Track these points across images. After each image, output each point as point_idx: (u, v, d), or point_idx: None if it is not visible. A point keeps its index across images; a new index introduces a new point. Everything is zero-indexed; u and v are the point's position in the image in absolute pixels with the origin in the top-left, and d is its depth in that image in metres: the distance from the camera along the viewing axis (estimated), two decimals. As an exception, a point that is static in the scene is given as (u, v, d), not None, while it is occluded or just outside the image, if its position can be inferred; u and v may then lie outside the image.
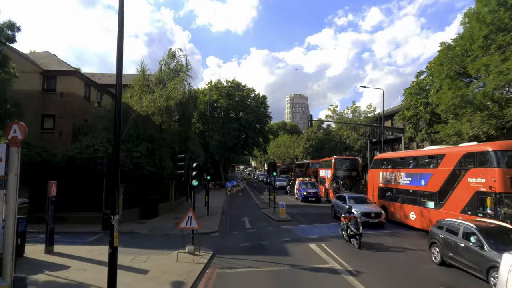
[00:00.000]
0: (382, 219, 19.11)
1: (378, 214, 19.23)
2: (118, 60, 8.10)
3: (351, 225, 14.74)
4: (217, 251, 14.00)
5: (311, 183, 35.08)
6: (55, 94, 23.84)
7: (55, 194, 13.68)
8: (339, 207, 21.25)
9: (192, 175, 13.80)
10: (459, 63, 20.71)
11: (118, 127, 8.08)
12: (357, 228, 14.38)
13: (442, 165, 16.70)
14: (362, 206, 19.58)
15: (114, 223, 7.77)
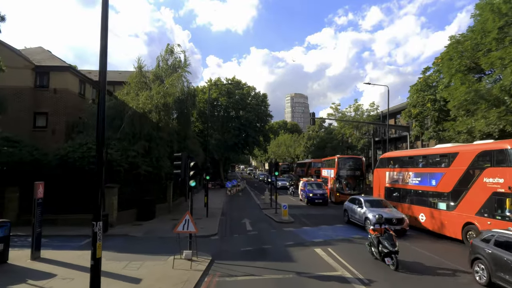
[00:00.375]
0: (404, 225, 16.68)
1: (400, 220, 16.71)
2: (102, 54, 7.24)
3: (384, 240, 11.85)
4: (216, 256, 13.08)
5: (317, 184, 32.20)
6: (48, 91, 22.93)
7: (42, 196, 12.75)
8: (353, 212, 19.58)
9: (190, 175, 12.86)
10: (470, 58, 19.77)
11: (101, 122, 7.19)
12: (392, 244, 11.55)
13: (455, 164, 15.76)
14: (381, 211, 17.15)
15: (97, 231, 6.75)
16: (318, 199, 29.63)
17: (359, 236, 16.84)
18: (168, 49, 26.58)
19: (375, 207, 18.10)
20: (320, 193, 29.93)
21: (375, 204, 18.52)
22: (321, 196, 29.84)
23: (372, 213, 17.04)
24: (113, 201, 18.67)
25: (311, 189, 30.68)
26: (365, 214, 17.80)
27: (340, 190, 31.42)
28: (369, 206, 18.19)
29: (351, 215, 19.90)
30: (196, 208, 26.71)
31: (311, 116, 33.03)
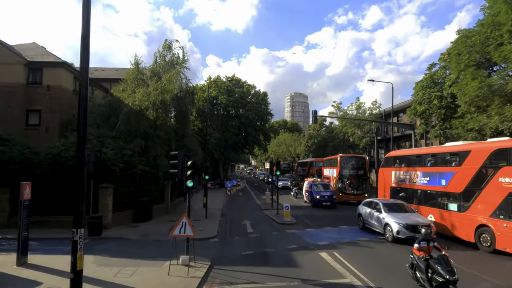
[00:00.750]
0: (432, 234, 12.80)
1: (427, 227, 14.92)
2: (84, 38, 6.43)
3: (436, 264, 8.43)
4: (215, 261, 12.27)
5: (324, 184, 29.79)
6: (41, 88, 22.09)
7: (29, 197, 11.93)
8: (369, 217, 17.35)
9: (187, 175, 12.05)
10: (479, 52, 18.97)
11: (83, 118, 6.33)
12: (450, 271, 8.08)
13: (467, 163, 14.96)
14: (402, 216, 15.23)
15: (78, 239, 5.93)
16: (326, 202, 27.33)
17: (366, 239, 16.06)
18: (166, 44, 25.76)
19: (395, 211, 15.96)
20: (328, 195, 27.57)
21: (395, 208, 16.32)
22: (329, 198, 27.48)
23: (394, 219, 15.03)
24: (107, 202, 17.85)
25: (317, 191, 28.34)
26: (384, 220, 15.64)
27: (343, 190, 30.60)
28: (389, 210, 16.09)
29: (366, 220, 17.66)
30: (195, 209, 26.06)
31: (313, 114, 32.06)
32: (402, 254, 13.19)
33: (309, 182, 31.19)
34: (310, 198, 28.93)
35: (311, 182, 30.53)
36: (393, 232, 14.73)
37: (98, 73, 32.29)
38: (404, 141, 43.67)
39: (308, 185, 30.77)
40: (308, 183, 31.49)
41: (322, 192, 27.95)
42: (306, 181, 32.70)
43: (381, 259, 12.68)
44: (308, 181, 32.47)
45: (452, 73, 21.34)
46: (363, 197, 29.93)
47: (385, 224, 15.51)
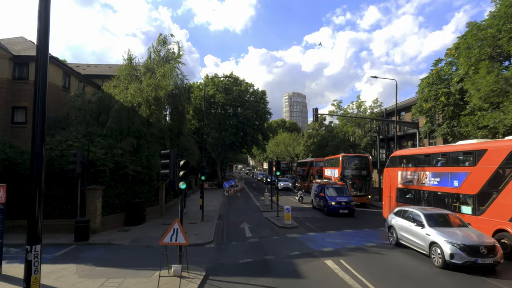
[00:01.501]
0: (498, 257, 10.71)
1: (491, 248, 10.76)
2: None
3: None
4: (211, 271, 11.14)
5: (339, 188, 24.59)
6: (28, 83, 20.84)
7: (4, 201, 10.72)
8: (406, 231, 13.57)
9: (180, 176, 10.91)
10: (491, 45, 17.93)
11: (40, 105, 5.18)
12: None
13: (482, 163, 13.88)
14: (455, 233, 11.60)
15: (33, 259, 4.79)
16: (343, 209, 22.53)
17: (373, 244, 14.97)
18: (161, 39, 24.56)
19: (442, 225, 12.41)
20: (345, 201, 23.00)
21: (441, 221, 12.72)
22: (347, 205, 22.78)
23: (444, 236, 11.31)
24: (96, 205, 16.68)
25: (332, 196, 23.60)
26: (430, 237, 11.89)
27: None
28: (434, 223, 12.45)
29: (402, 235, 13.93)
30: (190, 211, 24.96)
31: (314, 112, 30.91)
32: (414, 261, 12.15)
33: (319, 185, 26.51)
34: (322, 204, 24.41)
35: (322, 185, 25.75)
36: (445, 254, 10.96)
37: (90, 69, 31.12)
38: (406, 141, 42.66)
39: (318, 188, 26.31)
40: (317, 185, 26.91)
41: (338, 198, 23.29)
42: (315, 184, 28.14)
43: (392, 267, 11.58)
44: (317, 183, 27.77)
45: (461, 68, 20.27)
46: (366, 198, 28.87)
47: (431, 243, 11.68)
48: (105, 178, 17.74)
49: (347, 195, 24.08)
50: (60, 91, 22.35)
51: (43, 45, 5.14)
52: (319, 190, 25.80)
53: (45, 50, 5.16)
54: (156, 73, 21.79)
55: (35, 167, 5.06)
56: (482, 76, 16.51)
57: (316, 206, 26.62)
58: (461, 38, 21.78)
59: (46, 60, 5.17)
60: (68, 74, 23.72)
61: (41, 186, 4.97)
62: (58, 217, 16.63)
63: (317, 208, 26.32)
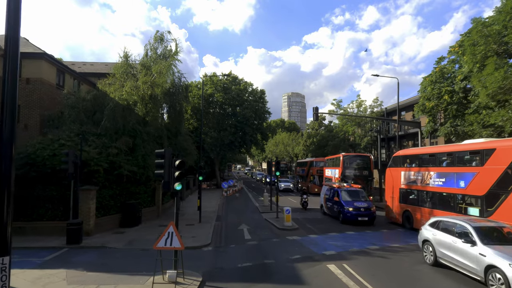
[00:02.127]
0: None
1: None
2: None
3: None
4: (208, 276, 10.60)
5: (355, 191, 21.64)
6: (20, 81, 20.10)
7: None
8: (450, 249, 10.68)
9: (175, 177, 10.36)
10: (497, 42, 17.43)
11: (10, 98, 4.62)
12: None
13: (490, 163, 13.37)
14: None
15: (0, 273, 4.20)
16: (362, 216, 19.45)
17: (376, 247, 14.44)
18: (158, 36, 23.95)
19: (499, 242, 9.75)
20: (365, 207, 19.79)
21: (496, 237, 10.11)
22: (366, 211, 19.63)
23: (508, 259, 8.55)
24: (90, 206, 16.10)
25: (348, 200, 20.53)
26: (486, 259, 9.14)
27: None
28: (488, 240, 9.70)
29: (442, 252, 11.04)
30: (188, 212, 24.39)
31: (315, 111, 30.34)
32: (420, 264, 11.63)
33: (331, 188, 23.41)
34: (336, 210, 21.21)
35: (335, 188, 22.54)
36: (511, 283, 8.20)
37: (86, 67, 30.51)
38: (407, 140, 42.17)
39: (330, 191, 23.14)
40: (328, 188, 23.87)
41: (356, 203, 20.10)
42: (325, 186, 25.18)
43: (397, 271, 11.05)
44: (328, 186, 24.73)
45: (465, 66, 19.76)
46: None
47: (488, 266, 9.00)
48: (99, 178, 17.17)
49: (365, 199, 20.93)
50: (54, 88, 21.78)
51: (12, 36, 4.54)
52: (332, 194, 22.54)
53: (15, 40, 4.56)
54: (152, 71, 21.22)
55: (3, 168, 4.47)
56: (489, 73, 15.99)
57: (327, 212, 23.43)
58: (464, 35, 21.28)
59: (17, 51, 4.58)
60: (62, 71, 23.14)
61: (10, 188, 4.37)
62: (50, 219, 16.05)
63: (328, 214, 23.18)
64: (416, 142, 35.39)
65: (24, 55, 20.33)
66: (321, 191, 25.78)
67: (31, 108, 20.29)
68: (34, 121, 20.27)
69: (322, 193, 25.36)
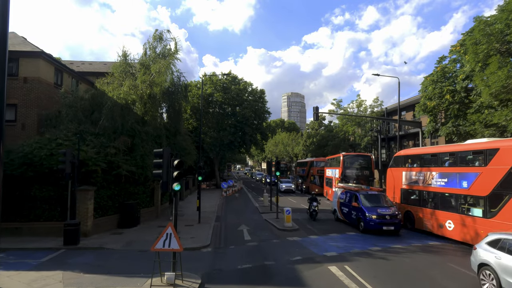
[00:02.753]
0: None
1: None
2: None
3: None
4: (207, 278, 10.40)
5: (376, 196, 18.63)
6: (17, 80, 20.06)
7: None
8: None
9: (174, 177, 10.15)
10: (499, 41, 17.25)
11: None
12: None
13: (494, 163, 13.17)
14: None
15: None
16: (388, 225, 16.65)
17: (378, 248, 14.24)
18: (157, 35, 23.73)
19: None
20: (390, 214, 16.90)
21: None
22: (392, 219, 16.77)
23: None
24: (87, 207, 15.88)
25: (370, 207, 17.48)
26: None
27: None
28: None
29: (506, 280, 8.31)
30: (187, 213, 24.16)
31: (315, 111, 30.13)
32: (422, 265, 11.44)
33: (346, 191, 20.34)
34: (355, 217, 18.36)
35: (352, 191, 19.57)
36: None
37: (85, 66, 30.29)
38: (407, 140, 41.98)
39: (346, 195, 20.08)
40: (344, 192, 20.65)
41: (380, 209, 17.15)
42: (338, 189, 22.05)
43: (400, 273, 10.85)
44: (340, 188, 21.67)
45: (467, 65, 19.58)
46: None
47: None
48: (97, 178, 16.95)
49: (389, 204, 17.97)
50: (52, 88, 21.54)
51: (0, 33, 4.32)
52: (349, 198, 19.51)
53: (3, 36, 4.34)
54: (151, 70, 21.00)
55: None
56: (492, 72, 15.81)
57: (342, 218, 20.37)
58: (466, 34, 21.12)
59: (5, 48, 4.35)
60: (60, 70, 22.92)
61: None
62: (47, 220, 15.85)
63: (343, 221, 20.27)
64: (417, 142, 35.22)
65: (21, 54, 20.25)
66: (334, 194, 22.53)
67: (28, 107, 20.07)
68: (31, 120, 20.05)
69: (334, 197, 22.08)
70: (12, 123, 19.67)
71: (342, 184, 22.88)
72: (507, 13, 17.26)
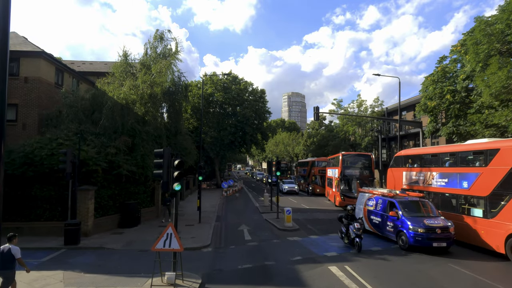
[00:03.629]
0: None
1: None
2: None
3: None
4: (207, 278, 10.41)
5: (416, 203, 14.97)
6: (18, 80, 20.08)
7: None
8: None
9: (174, 177, 10.16)
10: (500, 41, 17.24)
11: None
12: None
13: (494, 163, 13.16)
14: None
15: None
16: (439, 241, 13.22)
17: (378, 248, 14.24)
18: (157, 35, 23.76)
19: None
20: (441, 226, 13.36)
21: None
22: (444, 232, 13.28)
23: None
24: (88, 206, 15.91)
25: (414, 217, 13.99)
26: None
27: (345, 192, 27.29)
28: None
29: None
30: (188, 213, 24.18)
31: (315, 111, 30.10)
32: (423, 265, 11.44)
33: (375, 196, 16.77)
34: (393, 229, 14.76)
35: (388, 198, 15.62)
36: None
37: (85, 66, 30.31)
38: (408, 140, 41.94)
39: (376, 202, 16.45)
40: (374, 197, 16.81)
41: (427, 220, 13.61)
42: (365, 194, 18.00)
43: (400, 273, 10.84)
44: (370, 193, 17.51)
45: (468, 65, 19.56)
46: None
47: None
48: (98, 178, 16.98)
49: (436, 214, 14.39)
50: (53, 87, 21.57)
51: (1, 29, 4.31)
52: (382, 206, 15.84)
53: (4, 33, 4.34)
54: (152, 70, 21.02)
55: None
56: (493, 72, 15.79)
57: (372, 229, 16.69)
58: (467, 34, 21.09)
59: (6, 48, 4.35)
60: (61, 70, 22.93)
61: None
62: (48, 219, 15.88)
63: (373, 233, 16.64)
64: (417, 142, 35.18)
65: (22, 54, 20.28)
66: (358, 200, 18.77)
67: (29, 107, 20.09)
68: (32, 120, 20.07)
69: (359, 203, 18.16)
70: (13, 123, 19.70)
71: (370, 189, 18.49)
72: (508, 13, 17.25)
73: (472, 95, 20.44)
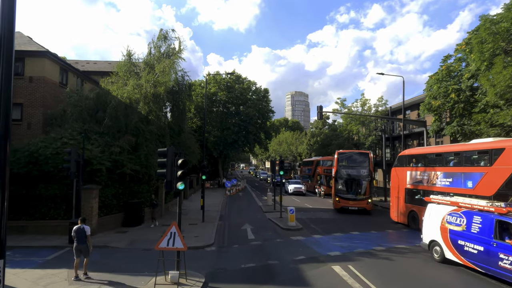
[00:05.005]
0: None
1: None
2: None
3: None
4: (211, 277, 10.43)
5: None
6: (23, 79, 20.19)
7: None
8: None
9: (177, 176, 10.19)
10: (506, 39, 17.09)
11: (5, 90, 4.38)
12: None
13: (499, 162, 13.07)
14: None
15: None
16: None
17: (382, 248, 14.20)
18: (161, 35, 23.76)
19: None
20: None
21: None
22: None
23: None
24: (92, 205, 16.00)
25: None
26: None
27: (340, 193, 25.25)
28: None
29: None
30: (191, 212, 24.26)
31: (318, 110, 30.00)
32: (426, 266, 11.39)
33: (469, 211, 11.04)
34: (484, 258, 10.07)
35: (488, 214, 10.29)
36: None
37: (89, 65, 30.42)
38: (412, 140, 41.75)
39: (469, 220, 10.89)
40: (464, 213, 11.19)
41: None
42: (439, 206, 12.52)
43: (404, 273, 10.82)
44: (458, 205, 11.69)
45: (473, 64, 19.42)
46: (366, 203, 24.77)
47: None
48: (102, 177, 17.06)
49: None
50: (57, 87, 21.68)
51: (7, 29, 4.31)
52: (485, 227, 10.27)
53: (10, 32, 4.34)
54: (156, 69, 21.06)
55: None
56: (498, 71, 15.67)
57: (461, 261, 11.05)
58: (472, 33, 20.92)
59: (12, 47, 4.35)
60: (65, 70, 23.04)
61: (5, 190, 4.10)
62: (53, 218, 15.98)
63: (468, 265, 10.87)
64: (421, 142, 34.99)
65: (27, 54, 20.39)
66: (427, 212, 13.12)
67: (34, 106, 20.21)
68: (37, 119, 20.18)
69: (431, 218, 12.77)
70: (18, 122, 19.81)
71: (451, 199, 12.59)
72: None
73: (477, 94, 20.30)
